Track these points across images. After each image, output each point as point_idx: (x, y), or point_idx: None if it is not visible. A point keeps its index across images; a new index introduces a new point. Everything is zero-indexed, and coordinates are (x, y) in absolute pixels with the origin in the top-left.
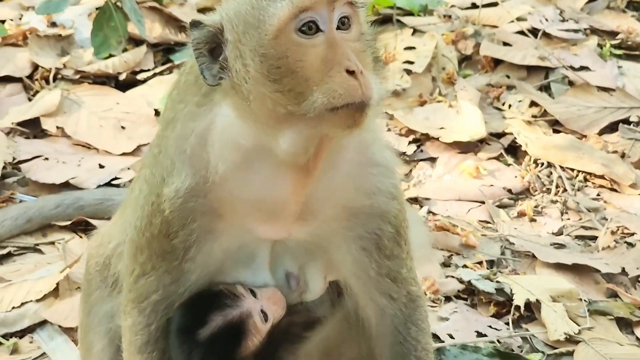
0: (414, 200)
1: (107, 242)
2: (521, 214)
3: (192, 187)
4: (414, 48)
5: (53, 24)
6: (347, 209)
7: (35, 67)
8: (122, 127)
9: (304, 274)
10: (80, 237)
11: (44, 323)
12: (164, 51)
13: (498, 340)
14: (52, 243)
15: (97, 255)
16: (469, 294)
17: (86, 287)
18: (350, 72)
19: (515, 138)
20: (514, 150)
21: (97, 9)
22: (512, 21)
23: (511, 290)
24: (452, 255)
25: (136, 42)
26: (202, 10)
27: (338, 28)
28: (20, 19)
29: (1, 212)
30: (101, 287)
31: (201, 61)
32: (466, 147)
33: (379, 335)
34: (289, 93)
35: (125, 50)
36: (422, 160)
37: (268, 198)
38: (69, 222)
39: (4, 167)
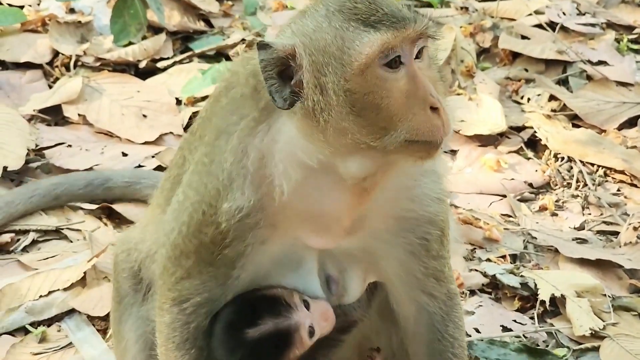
0: None
1: (139, 245)
2: (542, 208)
3: (254, 204)
4: None
5: (72, 10)
6: (398, 219)
7: (56, 53)
8: (144, 116)
9: (343, 278)
10: (106, 225)
11: (72, 312)
12: (183, 39)
13: (524, 335)
14: (78, 230)
15: (126, 261)
16: (493, 287)
17: (115, 295)
18: (434, 109)
19: (535, 132)
20: (534, 144)
21: None
22: (530, 14)
23: (535, 284)
24: (475, 248)
25: (155, 29)
26: (221, 0)
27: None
28: (38, 4)
29: (29, 188)
30: (130, 293)
31: (270, 83)
32: (486, 141)
33: (415, 333)
34: (371, 127)
35: (144, 37)
36: (443, 152)
37: (324, 213)
38: (94, 207)
39: (27, 154)
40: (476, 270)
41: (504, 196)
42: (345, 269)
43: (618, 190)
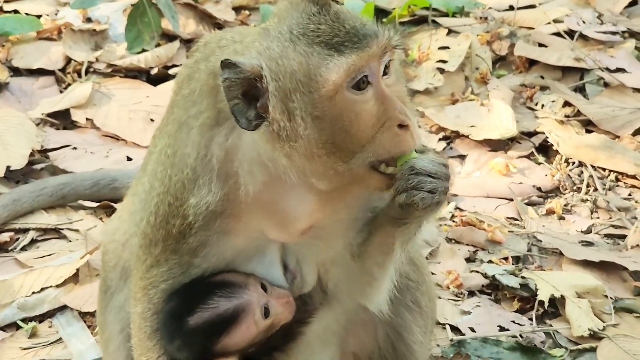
0: None
1: (119, 235)
2: (550, 212)
3: (221, 200)
4: (448, 48)
5: (88, 20)
6: (355, 215)
7: (68, 60)
8: (152, 120)
9: (301, 269)
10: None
11: (63, 308)
12: None
13: (521, 335)
14: (77, 230)
15: (112, 251)
16: (493, 289)
17: (101, 285)
18: (403, 126)
19: (546, 137)
20: (545, 149)
21: (132, 5)
22: (549, 23)
23: (536, 285)
24: (477, 250)
25: (169, 37)
26: (237, 9)
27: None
28: (56, 14)
29: (37, 186)
30: (115, 283)
31: (234, 103)
32: (496, 145)
33: None
34: (339, 152)
35: (158, 45)
36: (451, 157)
37: (288, 213)
38: (95, 205)
39: (31, 154)
40: (477, 271)
41: (511, 200)
42: (304, 260)
43: (629, 195)
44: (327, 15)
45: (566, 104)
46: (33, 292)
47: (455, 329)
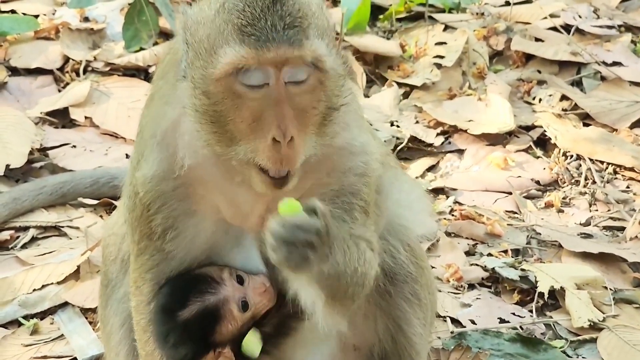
0: (440, 191)
1: (117, 227)
2: (548, 205)
3: (160, 172)
4: (445, 43)
5: (86, 19)
6: (320, 195)
7: (66, 59)
8: None
9: None
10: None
11: (65, 305)
12: None
13: (521, 327)
14: (77, 228)
15: (112, 244)
16: (493, 281)
17: (103, 279)
18: (276, 141)
19: (544, 131)
20: (543, 143)
21: (129, 4)
22: (545, 18)
23: (535, 277)
24: (477, 244)
25: (167, 36)
26: None
27: (291, 81)
28: (53, 14)
29: (37, 185)
30: (115, 277)
31: (183, 48)
32: (495, 139)
33: None
34: (219, 135)
35: (156, 43)
36: (450, 152)
37: (239, 201)
38: (96, 203)
39: (30, 153)
40: (476, 264)
41: (510, 193)
42: None
43: (627, 187)
44: (262, 3)
45: (563, 97)
46: (34, 289)
47: (455, 322)
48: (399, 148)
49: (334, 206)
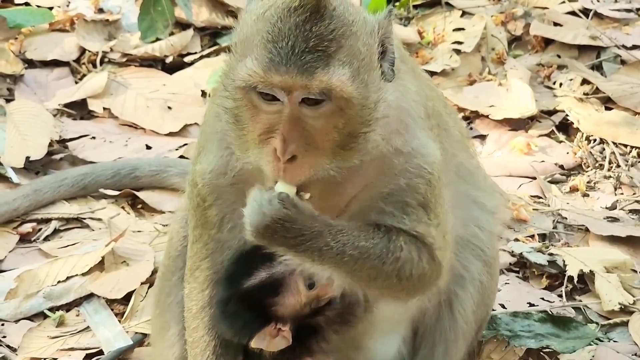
0: None
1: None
2: (573, 189)
3: (217, 168)
4: (462, 29)
5: (100, 10)
6: (372, 196)
7: (83, 51)
8: (169, 108)
9: None
10: (128, 213)
11: (90, 296)
12: (211, 35)
13: (551, 311)
14: (99, 220)
15: (175, 231)
16: (521, 267)
17: (170, 264)
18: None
19: (566, 115)
20: (565, 128)
21: None
22: (563, 2)
23: (564, 262)
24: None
25: (183, 26)
26: None
27: (306, 102)
28: (67, 5)
29: (58, 177)
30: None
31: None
32: (516, 124)
33: None
34: (237, 138)
35: (172, 34)
36: (472, 137)
37: None
38: (117, 193)
39: (50, 145)
40: (503, 249)
41: (534, 178)
42: None
43: None
44: (294, 20)
45: (584, 82)
46: (59, 281)
47: None
48: None
49: (385, 204)
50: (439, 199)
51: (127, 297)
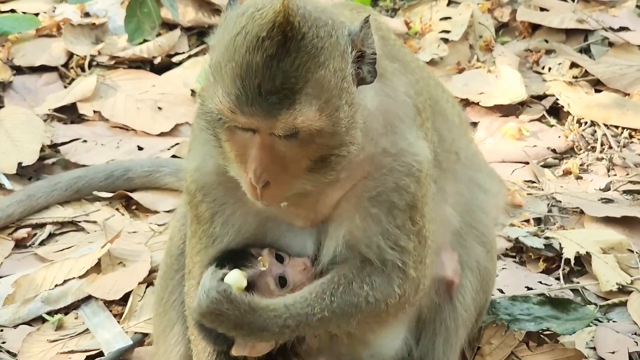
0: None
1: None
2: (567, 173)
3: (203, 166)
4: (449, 18)
5: (86, 15)
6: (361, 195)
7: (70, 55)
8: (159, 108)
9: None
10: (123, 214)
11: (88, 299)
12: (198, 34)
13: (549, 294)
14: (94, 222)
15: (182, 230)
16: (517, 251)
17: (172, 262)
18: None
19: (557, 99)
20: (556, 112)
21: None
22: None
23: (560, 245)
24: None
25: (170, 26)
26: None
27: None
28: (53, 11)
29: (51, 182)
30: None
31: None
32: (507, 110)
33: None
34: (217, 151)
35: (159, 35)
36: None
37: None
38: (111, 195)
39: (41, 150)
40: (499, 235)
41: (527, 163)
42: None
43: None
44: (261, 55)
45: (573, 65)
46: (56, 285)
47: None
48: None
49: (372, 206)
50: (427, 198)
51: (125, 298)
